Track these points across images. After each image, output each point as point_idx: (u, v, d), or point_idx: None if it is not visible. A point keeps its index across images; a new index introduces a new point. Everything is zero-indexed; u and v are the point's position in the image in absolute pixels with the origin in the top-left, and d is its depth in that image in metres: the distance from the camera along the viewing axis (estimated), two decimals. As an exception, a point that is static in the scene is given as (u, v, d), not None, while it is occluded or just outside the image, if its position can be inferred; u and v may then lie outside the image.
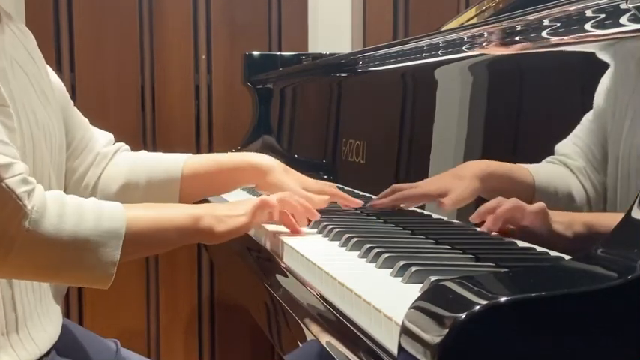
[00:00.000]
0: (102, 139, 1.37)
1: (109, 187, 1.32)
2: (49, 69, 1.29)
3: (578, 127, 0.92)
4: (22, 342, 1.08)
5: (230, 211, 1.15)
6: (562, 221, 0.93)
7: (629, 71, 0.86)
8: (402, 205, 1.33)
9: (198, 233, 1.12)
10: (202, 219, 1.11)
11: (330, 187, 1.38)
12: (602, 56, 0.90)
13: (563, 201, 0.93)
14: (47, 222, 0.98)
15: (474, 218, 1.08)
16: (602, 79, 0.89)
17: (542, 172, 0.98)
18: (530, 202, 0.97)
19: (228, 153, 1.45)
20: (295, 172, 1.39)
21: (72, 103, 1.34)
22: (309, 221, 1.27)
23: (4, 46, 1.12)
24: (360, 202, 1.37)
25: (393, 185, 1.34)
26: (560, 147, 0.95)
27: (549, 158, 0.96)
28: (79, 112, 1.35)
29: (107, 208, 1.05)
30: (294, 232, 1.23)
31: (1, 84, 1.04)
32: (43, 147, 1.13)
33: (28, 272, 1.03)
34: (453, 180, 1.15)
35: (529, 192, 0.98)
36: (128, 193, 1.32)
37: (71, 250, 1.00)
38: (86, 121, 1.37)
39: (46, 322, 1.15)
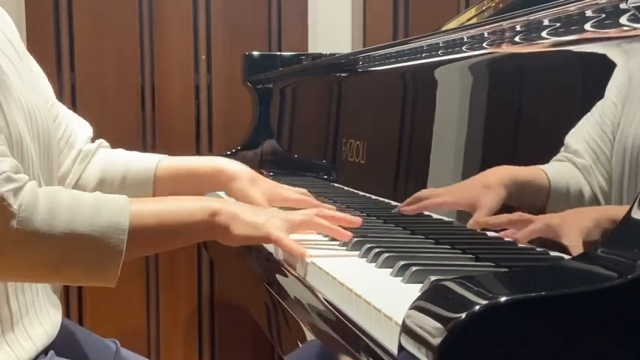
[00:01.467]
0: (82, 134, 1.34)
1: (86, 185, 1.31)
2: (31, 59, 1.28)
3: (581, 125, 0.92)
4: (17, 339, 1.06)
5: (254, 217, 1.08)
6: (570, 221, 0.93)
7: (629, 71, 0.86)
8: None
9: (212, 230, 1.06)
10: (219, 214, 1.05)
11: (305, 194, 1.33)
12: (602, 56, 0.90)
13: (574, 201, 0.93)
14: (38, 219, 0.94)
15: (494, 224, 1.04)
16: (602, 79, 0.89)
17: (556, 173, 0.96)
18: (545, 204, 0.96)
19: (199, 157, 1.40)
20: (267, 180, 1.33)
21: (54, 95, 1.32)
22: None
23: None
24: (333, 209, 1.26)
25: (420, 191, 1.29)
26: (568, 142, 0.94)
27: (558, 156, 0.95)
28: (61, 105, 1.34)
29: (109, 201, 1.00)
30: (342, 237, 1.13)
31: None
32: (28, 141, 1.08)
33: (24, 273, 1.00)
34: (480, 189, 1.11)
35: (545, 196, 0.97)
36: (104, 190, 1.30)
37: (68, 247, 0.96)
38: (68, 114, 1.35)
39: (43, 318, 1.12)
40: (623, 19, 0.85)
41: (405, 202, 1.29)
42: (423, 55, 1.38)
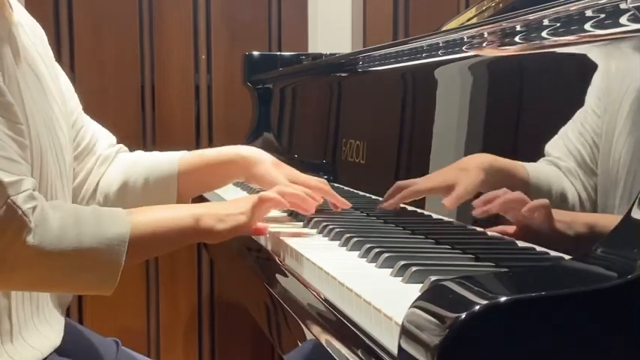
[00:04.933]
0: (104, 140, 1.37)
1: (108, 188, 1.33)
2: (59, 69, 1.29)
3: (573, 127, 0.92)
4: (17, 350, 1.09)
5: (229, 209, 1.15)
6: (561, 220, 0.93)
7: (629, 71, 0.86)
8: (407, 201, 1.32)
9: (200, 233, 1.12)
10: (202, 219, 1.11)
11: (324, 183, 1.36)
12: (603, 56, 0.90)
13: (556, 201, 0.93)
14: (49, 235, 0.98)
15: (477, 204, 1.07)
16: (602, 79, 0.89)
17: (537, 170, 0.98)
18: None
19: (219, 147, 1.43)
20: (287, 166, 1.37)
21: (80, 106, 1.34)
22: (309, 220, 1.26)
23: (20, 49, 1.11)
24: (348, 204, 1.35)
25: (397, 183, 1.33)
26: (550, 148, 0.95)
27: (542, 160, 0.96)
28: (86, 115, 1.35)
29: (108, 215, 1.05)
30: (306, 211, 1.24)
31: (15, 98, 1.04)
32: (49, 157, 1.12)
33: (34, 285, 1.04)
34: (458, 172, 1.14)
35: (524, 189, 0.98)
36: (127, 193, 1.32)
37: (76, 260, 1.00)
38: (93, 124, 1.37)
39: (45, 330, 1.14)
40: (623, 19, 0.85)
41: (384, 197, 1.32)
42: (423, 55, 1.38)
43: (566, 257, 0.86)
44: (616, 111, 0.86)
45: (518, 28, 1.08)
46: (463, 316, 0.59)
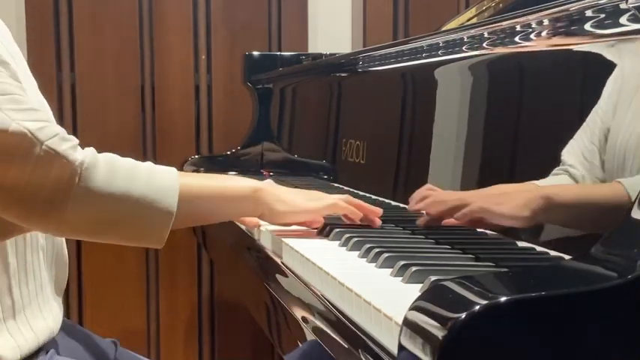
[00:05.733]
0: None
1: None
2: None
3: (572, 127, 0.92)
4: (19, 329, 1.08)
5: (295, 195, 1.18)
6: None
7: (629, 71, 0.86)
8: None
9: (255, 205, 1.14)
10: (262, 191, 1.14)
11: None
12: (603, 56, 0.90)
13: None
14: (98, 177, 1.00)
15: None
16: (602, 79, 0.89)
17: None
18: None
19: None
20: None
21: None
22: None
23: None
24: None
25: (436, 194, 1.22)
26: (564, 156, 0.94)
27: (555, 170, 0.95)
28: None
29: (161, 167, 1.07)
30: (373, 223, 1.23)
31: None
32: None
33: (82, 229, 1.05)
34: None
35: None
36: None
37: (125, 206, 1.02)
38: None
39: (46, 312, 1.14)
40: (623, 19, 0.85)
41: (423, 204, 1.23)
42: (423, 55, 1.38)
43: (566, 257, 0.86)
44: (617, 111, 0.86)
45: (518, 28, 1.08)
46: (463, 316, 0.59)
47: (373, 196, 1.47)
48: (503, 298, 0.60)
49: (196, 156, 2.42)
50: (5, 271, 1.08)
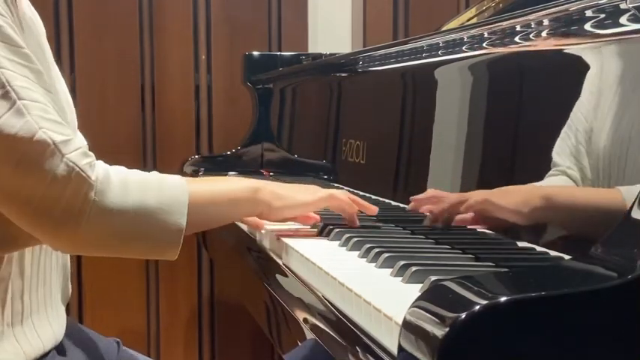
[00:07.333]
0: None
1: None
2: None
3: (575, 129, 0.92)
4: (26, 335, 1.08)
5: (290, 190, 1.20)
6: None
7: (629, 71, 0.86)
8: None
9: (256, 205, 1.16)
10: (261, 191, 1.16)
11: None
12: (603, 56, 0.90)
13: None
14: (112, 193, 1.00)
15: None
16: (602, 79, 0.90)
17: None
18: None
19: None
20: None
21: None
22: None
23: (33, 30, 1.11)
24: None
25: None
26: (555, 157, 0.94)
27: (552, 171, 0.95)
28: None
29: (169, 178, 1.08)
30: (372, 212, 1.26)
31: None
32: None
33: (96, 245, 1.04)
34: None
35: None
36: None
37: (139, 219, 1.02)
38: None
39: (52, 318, 1.14)
40: (623, 19, 0.85)
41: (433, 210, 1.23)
42: (423, 55, 1.38)
43: (566, 257, 0.86)
44: (617, 111, 0.86)
45: (518, 28, 1.08)
46: (463, 316, 0.59)
47: (373, 196, 1.47)
48: (503, 298, 0.60)
49: (196, 156, 2.42)
50: (20, 275, 1.08)
